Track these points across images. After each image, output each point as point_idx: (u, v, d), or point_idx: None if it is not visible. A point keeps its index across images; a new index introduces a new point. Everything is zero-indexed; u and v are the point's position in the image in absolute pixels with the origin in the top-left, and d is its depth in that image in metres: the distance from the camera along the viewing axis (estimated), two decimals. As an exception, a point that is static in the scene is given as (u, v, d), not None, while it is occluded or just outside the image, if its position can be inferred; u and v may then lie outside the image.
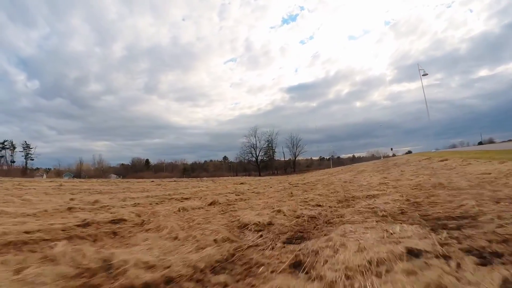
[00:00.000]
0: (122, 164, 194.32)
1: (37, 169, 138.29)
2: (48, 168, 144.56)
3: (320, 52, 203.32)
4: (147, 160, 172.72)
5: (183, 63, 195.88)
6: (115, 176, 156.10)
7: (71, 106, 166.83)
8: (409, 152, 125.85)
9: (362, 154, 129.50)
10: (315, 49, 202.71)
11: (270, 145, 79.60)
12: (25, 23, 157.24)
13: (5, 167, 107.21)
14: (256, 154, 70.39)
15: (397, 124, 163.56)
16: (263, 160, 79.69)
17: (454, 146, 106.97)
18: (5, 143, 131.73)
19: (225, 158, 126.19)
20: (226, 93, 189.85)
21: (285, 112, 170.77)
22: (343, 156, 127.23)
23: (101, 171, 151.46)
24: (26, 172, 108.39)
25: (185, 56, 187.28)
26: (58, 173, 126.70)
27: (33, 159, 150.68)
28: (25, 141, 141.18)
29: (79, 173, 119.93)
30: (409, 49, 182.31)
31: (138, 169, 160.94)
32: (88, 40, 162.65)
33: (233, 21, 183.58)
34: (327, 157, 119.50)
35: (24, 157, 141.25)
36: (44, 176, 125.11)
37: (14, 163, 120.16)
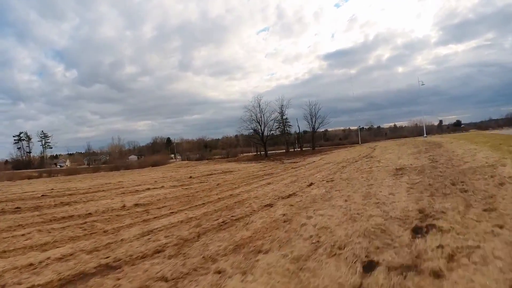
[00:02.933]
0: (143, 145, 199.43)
1: (57, 156, 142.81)
2: (71, 153, 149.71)
3: (357, 14, 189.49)
4: (168, 139, 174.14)
5: (215, 37, 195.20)
6: (135, 157, 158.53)
7: (110, 90, 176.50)
8: (458, 123, 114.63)
9: (404, 123, 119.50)
10: (352, 12, 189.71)
11: (283, 116, 71.17)
12: (55, 17, 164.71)
13: (25, 157, 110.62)
14: (261, 129, 62.99)
15: (443, 90, 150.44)
16: (273, 135, 72.05)
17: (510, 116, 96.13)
18: (21, 135, 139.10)
19: (236, 135, 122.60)
20: (261, 64, 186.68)
21: (324, 80, 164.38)
22: (384, 125, 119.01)
23: (121, 153, 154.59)
24: (43, 160, 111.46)
25: (216, 29, 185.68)
26: (82, 157, 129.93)
27: (51, 147, 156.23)
28: (42, 131, 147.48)
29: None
30: (455, 6, 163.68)
31: (157, 149, 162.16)
32: (118, 25, 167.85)
33: None
34: (364, 127, 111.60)
35: (42, 146, 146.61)
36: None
37: (31, 153, 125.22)
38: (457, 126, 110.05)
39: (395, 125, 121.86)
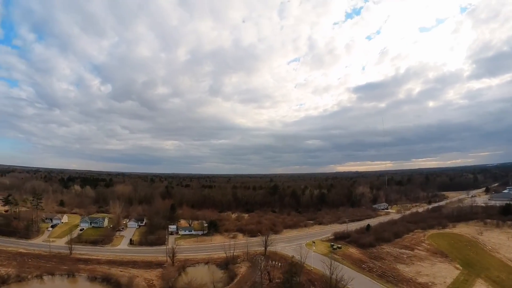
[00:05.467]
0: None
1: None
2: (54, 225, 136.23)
3: (389, 47, 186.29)
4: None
5: (246, 65, 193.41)
6: (135, 224, 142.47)
7: (141, 108, 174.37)
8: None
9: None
10: (383, 45, 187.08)
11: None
12: (96, 34, 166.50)
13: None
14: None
15: (475, 126, 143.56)
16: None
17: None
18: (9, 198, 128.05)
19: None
20: (291, 94, 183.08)
21: (352, 113, 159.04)
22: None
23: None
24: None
25: (248, 58, 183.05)
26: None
27: (43, 209, 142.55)
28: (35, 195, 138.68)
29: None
30: (490, 38, 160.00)
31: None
32: (153, 46, 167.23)
33: (294, 19, 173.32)
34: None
35: (36, 206, 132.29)
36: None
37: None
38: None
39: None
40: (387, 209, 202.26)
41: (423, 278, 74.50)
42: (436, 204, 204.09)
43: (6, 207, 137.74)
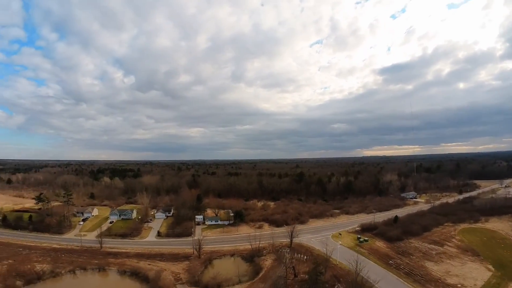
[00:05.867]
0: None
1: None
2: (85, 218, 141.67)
3: (415, 26, 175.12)
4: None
5: (268, 49, 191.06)
6: (163, 214, 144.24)
7: (165, 97, 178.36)
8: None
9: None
10: (409, 24, 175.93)
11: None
12: (115, 28, 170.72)
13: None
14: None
15: (510, 109, 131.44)
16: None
17: None
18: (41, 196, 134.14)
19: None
20: (314, 77, 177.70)
21: (378, 96, 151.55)
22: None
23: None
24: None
25: (269, 42, 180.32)
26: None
27: (74, 204, 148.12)
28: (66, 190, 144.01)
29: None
30: None
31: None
32: (173, 36, 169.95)
33: (314, 0, 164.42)
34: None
35: (66, 202, 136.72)
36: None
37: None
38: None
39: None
40: (415, 198, 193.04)
41: (452, 279, 69.08)
42: (467, 194, 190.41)
43: (40, 205, 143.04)
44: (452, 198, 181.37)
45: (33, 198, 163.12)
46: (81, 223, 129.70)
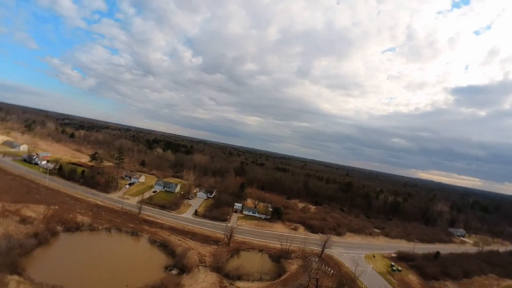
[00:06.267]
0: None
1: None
2: (132, 181, 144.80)
3: (500, 46, 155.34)
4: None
5: (338, 49, 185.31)
6: (204, 195, 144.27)
7: (229, 82, 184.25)
8: None
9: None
10: (493, 43, 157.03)
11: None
12: (190, 9, 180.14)
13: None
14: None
15: None
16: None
17: None
18: (96, 155, 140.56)
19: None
20: (382, 85, 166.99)
21: (447, 117, 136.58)
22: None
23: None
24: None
25: (340, 42, 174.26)
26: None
27: (124, 168, 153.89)
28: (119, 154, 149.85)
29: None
30: None
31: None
32: (244, 24, 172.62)
33: (393, 4, 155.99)
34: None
35: (118, 165, 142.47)
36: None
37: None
38: None
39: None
40: (463, 236, 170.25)
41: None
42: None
43: (93, 162, 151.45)
44: (504, 247, 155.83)
45: (89, 155, 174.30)
46: (127, 186, 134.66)
